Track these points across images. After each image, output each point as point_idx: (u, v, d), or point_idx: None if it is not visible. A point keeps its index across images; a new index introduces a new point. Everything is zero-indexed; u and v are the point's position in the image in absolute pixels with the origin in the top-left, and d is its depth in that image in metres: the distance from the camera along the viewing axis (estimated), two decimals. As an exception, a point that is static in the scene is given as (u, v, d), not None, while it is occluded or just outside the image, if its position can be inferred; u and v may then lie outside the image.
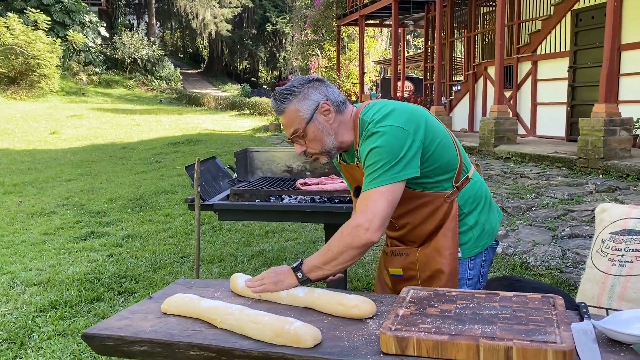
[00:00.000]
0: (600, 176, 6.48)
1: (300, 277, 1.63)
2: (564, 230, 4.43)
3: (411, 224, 1.82)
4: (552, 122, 10.08)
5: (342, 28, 17.94)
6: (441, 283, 1.79)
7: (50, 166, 10.12)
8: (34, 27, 23.05)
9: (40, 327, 3.08)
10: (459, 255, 1.82)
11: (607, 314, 1.83)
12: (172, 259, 4.39)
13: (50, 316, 3.24)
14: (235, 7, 40.07)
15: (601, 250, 2.19)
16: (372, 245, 1.64)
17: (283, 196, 2.93)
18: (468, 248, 1.85)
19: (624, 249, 2.11)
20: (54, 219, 5.94)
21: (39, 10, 24.79)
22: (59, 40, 24.33)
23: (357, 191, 1.85)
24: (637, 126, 7.75)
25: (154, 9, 40.81)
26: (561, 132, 9.83)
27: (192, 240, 4.87)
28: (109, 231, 5.37)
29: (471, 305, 1.40)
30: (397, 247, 1.91)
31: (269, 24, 40.86)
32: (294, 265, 1.66)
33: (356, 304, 1.47)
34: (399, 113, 1.70)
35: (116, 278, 3.91)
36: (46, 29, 23.77)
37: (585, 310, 1.41)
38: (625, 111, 7.30)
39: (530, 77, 10.63)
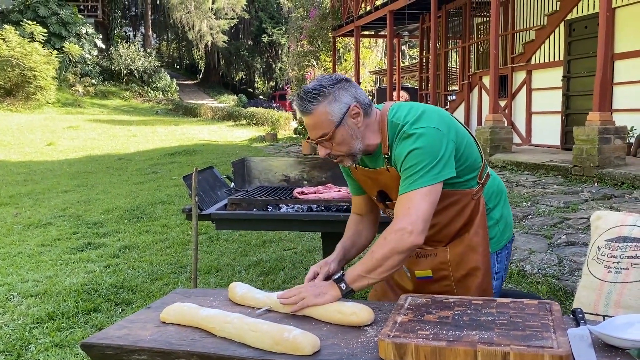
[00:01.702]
0: (596, 184, 6.51)
1: (343, 288, 1.59)
2: (560, 238, 4.45)
3: (440, 224, 1.79)
4: (547, 130, 10.14)
5: (337, 39, 18.03)
6: (478, 280, 1.79)
7: (46, 177, 10.10)
8: (30, 39, 23.12)
9: (37, 339, 3.07)
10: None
11: (604, 321, 1.84)
12: (170, 269, 4.39)
13: (47, 327, 3.22)
14: (232, 19, 40.28)
15: (597, 258, 2.20)
16: (416, 248, 1.61)
17: (280, 205, 2.95)
18: (495, 242, 1.87)
19: (620, 256, 2.12)
20: (50, 230, 5.92)
21: (35, 22, 24.87)
22: (55, 52, 24.37)
23: (381, 195, 1.84)
24: (631, 134, 7.81)
25: (150, 21, 40.98)
26: (556, 140, 9.88)
27: (189, 251, 4.87)
28: (105, 242, 5.36)
29: (468, 311, 1.41)
30: (420, 248, 1.86)
31: (265, 35, 41.05)
32: (336, 277, 1.63)
33: (354, 311, 1.48)
34: (430, 114, 1.69)
35: (113, 289, 3.90)
36: (42, 41, 23.85)
37: (581, 315, 1.42)
38: (619, 120, 7.35)
39: (524, 87, 10.70)
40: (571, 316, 1.46)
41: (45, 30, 24.80)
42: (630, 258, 2.10)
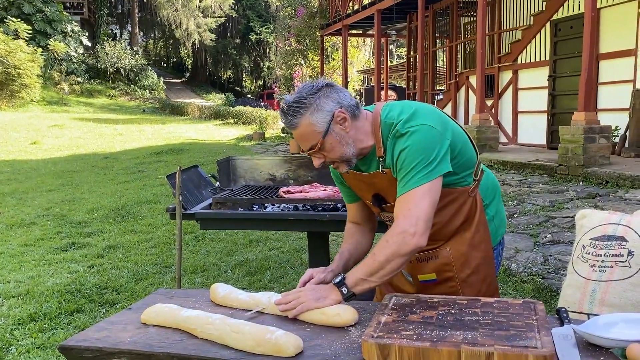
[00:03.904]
0: (581, 183, 6.56)
1: (345, 292, 1.55)
2: (545, 236, 4.47)
3: (440, 223, 1.75)
4: (533, 130, 10.21)
5: (325, 38, 18.02)
6: (481, 276, 1.78)
7: (30, 176, 9.97)
8: (14, 37, 22.80)
9: (18, 340, 3.02)
10: None
11: (589, 319, 1.84)
12: (155, 269, 4.35)
13: (29, 329, 3.18)
14: (219, 17, 40.07)
15: (582, 256, 2.20)
16: (419, 250, 1.58)
17: (266, 204, 2.92)
18: (492, 239, 1.86)
19: (604, 255, 2.13)
20: (33, 230, 5.85)
21: (19, 19, 24.54)
22: (40, 49, 24.06)
23: (376, 199, 1.79)
24: (616, 134, 7.88)
25: (137, 19, 40.68)
26: (542, 140, 9.95)
27: (174, 251, 4.82)
28: (90, 242, 5.30)
29: (453, 311, 1.40)
30: (419, 252, 1.81)
31: (252, 34, 40.91)
32: (336, 280, 1.58)
33: (338, 312, 1.47)
34: (424, 112, 1.66)
35: (97, 289, 3.86)
36: (27, 38, 23.52)
37: (565, 315, 1.41)
38: (603, 119, 7.42)
39: (511, 86, 10.76)
40: (555, 315, 1.46)
41: (29, 28, 24.48)
42: (615, 256, 2.11)
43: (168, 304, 1.60)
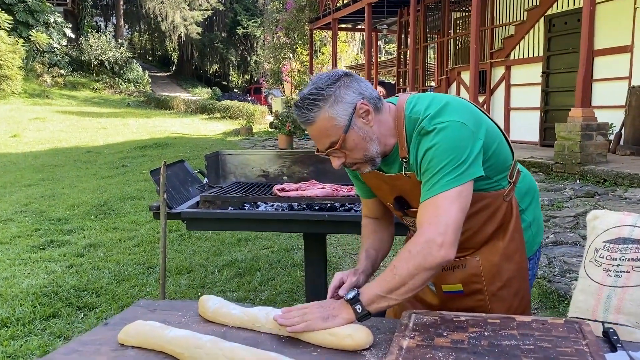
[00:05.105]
0: (578, 181, 6.42)
1: (359, 310, 1.32)
2: (548, 237, 4.30)
3: (471, 230, 1.54)
4: (526, 127, 10.08)
5: (314, 32, 17.78)
6: (513, 290, 1.58)
7: (9, 170, 9.64)
8: (-6, 27, 22.31)
9: (-13, 349, 2.78)
10: None
11: (604, 327, 1.66)
12: (138, 270, 4.11)
13: (-1, 336, 2.94)
14: (206, 10, 39.67)
15: (595, 260, 2.04)
16: (446, 263, 1.35)
17: (258, 203, 2.70)
18: (528, 248, 1.65)
19: (620, 259, 1.97)
20: (10, 226, 5.57)
21: (0, 9, 23.98)
22: (21, 40, 23.58)
23: (399, 202, 1.59)
24: (611, 131, 7.77)
25: (122, 11, 40.07)
26: (535, 137, 9.83)
27: (159, 249, 4.59)
28: (70, 240, 5.04)
29: (486, 333, 1.19)
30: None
31: (240, 28, 40.55)
32: (349, 296, 1.36)
33: (349, 333, 1.26)
34: (455, 107, 1.44)
35: (75, 291, 3.62)
36: (8, 29, 23.05)
37: (615, 337, 1.22)
38: (598, 116, 7.28)
39: (503, 82, 10.62)
40: (602, 337, 1.27)
41: (11, 18, 23.97)
42: (631, 260, 1.95)
43: (150, 321, 1.38)
